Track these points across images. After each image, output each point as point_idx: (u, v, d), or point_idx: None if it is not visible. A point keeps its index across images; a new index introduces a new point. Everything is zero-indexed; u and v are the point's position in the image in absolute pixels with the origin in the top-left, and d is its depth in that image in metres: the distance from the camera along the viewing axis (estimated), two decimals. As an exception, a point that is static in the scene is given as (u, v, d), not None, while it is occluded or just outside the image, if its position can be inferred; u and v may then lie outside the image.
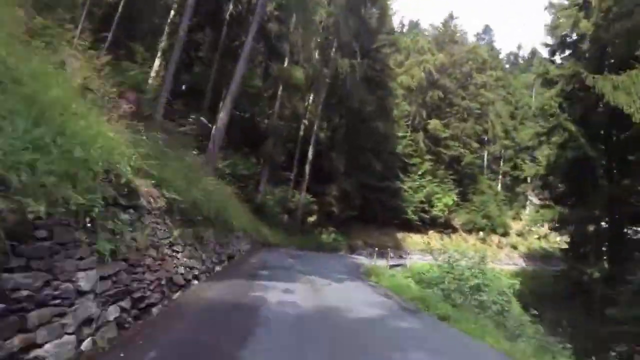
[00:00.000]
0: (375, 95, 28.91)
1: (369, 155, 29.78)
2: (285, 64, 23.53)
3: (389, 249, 20.20)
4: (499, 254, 39.44)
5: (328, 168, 28.57)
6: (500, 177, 52.29)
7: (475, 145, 45.76)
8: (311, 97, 31.24)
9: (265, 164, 22.93)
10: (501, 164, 52.92)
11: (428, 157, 41.06)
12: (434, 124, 41.38)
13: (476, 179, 46.38)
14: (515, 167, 53.19)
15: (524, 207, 53.06)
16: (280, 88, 23.47)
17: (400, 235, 34.82)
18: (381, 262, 18.48)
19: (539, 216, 20.41)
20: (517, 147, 53.23)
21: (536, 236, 48.88)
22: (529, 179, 55.92)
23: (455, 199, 39.57)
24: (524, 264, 39.89)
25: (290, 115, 29.76)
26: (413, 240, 35.30)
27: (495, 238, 42.80)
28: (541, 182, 24.10)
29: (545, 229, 52.18)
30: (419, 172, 39.88)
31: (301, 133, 29.66)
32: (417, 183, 38.77)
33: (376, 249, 19.99)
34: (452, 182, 41.71)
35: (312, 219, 30.22)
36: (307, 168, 27.51)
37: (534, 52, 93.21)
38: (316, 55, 28.33)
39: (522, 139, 52.20)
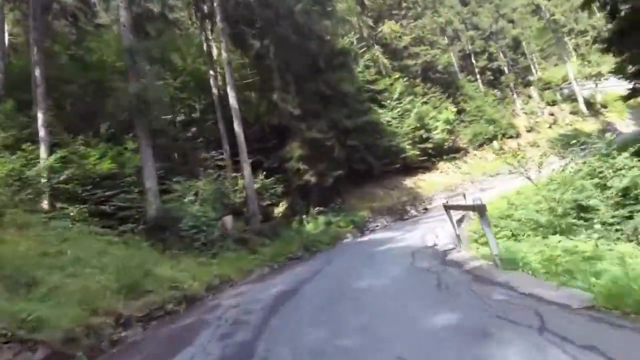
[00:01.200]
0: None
1: (330, 76, 18.46)
2: None
3: (448, 207, 9.18)
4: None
5: (275, 118, 17.06)
6: (478, 75, 42.86)
7: (444, 42, 35.58)
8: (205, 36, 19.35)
9: (141, 134, 10.97)
10: (473, 60, 43.42)
11: (397, 75, 30.56)
12: (388, 27, 30.55)
13: (457, 84, 36.74)
14: (490, 58, 44.18)
15: (513, 102, 44.70)
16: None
17: (409, 182, 24.17)
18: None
19: None
20: (484, 33, 44.07)
21: (547, 125, 40.86)
22: (506, 69, 47.90)
23: (454, 109, 29.40)
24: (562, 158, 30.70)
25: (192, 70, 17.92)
26: (429, 182, 24.76)
27: (512, 143, 33.46)
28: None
29: (546, 117, 44.93)
30: (394, 97, 29.24)
31: (214, 90, 17.88)
32: (398, 110, 28.14)
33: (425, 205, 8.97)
34: (436, 94, 31.65)
35: (280, 208, 18.80)
36: (238, 130, 15.82)
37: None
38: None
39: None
